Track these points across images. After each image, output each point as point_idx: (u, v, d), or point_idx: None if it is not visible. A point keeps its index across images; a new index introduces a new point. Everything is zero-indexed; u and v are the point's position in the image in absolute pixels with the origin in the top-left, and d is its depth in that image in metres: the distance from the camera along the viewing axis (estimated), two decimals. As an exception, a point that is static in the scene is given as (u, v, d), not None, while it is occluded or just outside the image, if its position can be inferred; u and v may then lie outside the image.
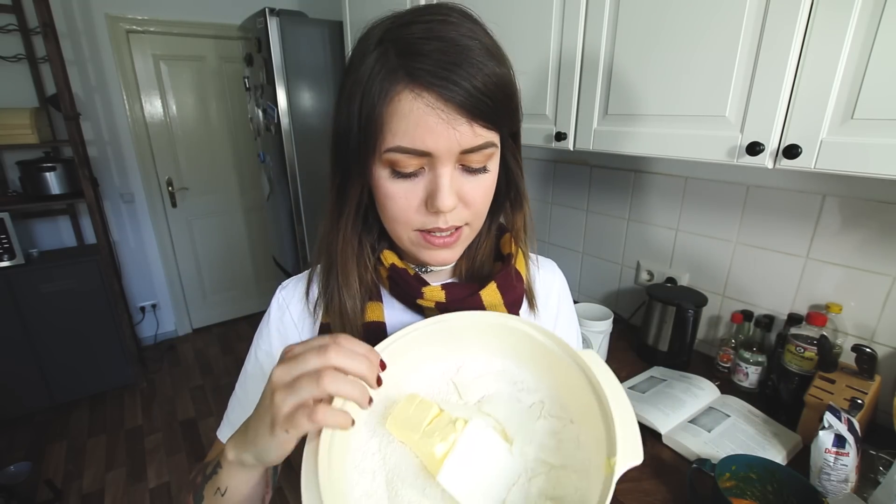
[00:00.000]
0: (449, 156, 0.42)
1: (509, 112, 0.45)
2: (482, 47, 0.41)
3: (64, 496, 1.84)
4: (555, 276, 0.66)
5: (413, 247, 0.49)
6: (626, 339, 1.31)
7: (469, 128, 0.41)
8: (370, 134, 0.42)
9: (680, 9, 0.78)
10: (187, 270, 3.02)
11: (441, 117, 0.40)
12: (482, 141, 0.43)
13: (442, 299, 0.52)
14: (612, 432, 0.36)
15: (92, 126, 2.48)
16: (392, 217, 0.47)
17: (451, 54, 0.39)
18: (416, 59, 0.40)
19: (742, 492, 0.72)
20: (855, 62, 0.62)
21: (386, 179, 0.44)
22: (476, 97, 0.40)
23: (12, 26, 2.12)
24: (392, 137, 0.41)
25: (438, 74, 0.39)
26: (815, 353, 0.89)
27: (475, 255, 0.57)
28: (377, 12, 0.48)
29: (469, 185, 0.45)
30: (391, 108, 0.41)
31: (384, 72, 0.41)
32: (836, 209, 0.95)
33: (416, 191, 0.44)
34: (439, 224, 0.45)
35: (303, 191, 2.09)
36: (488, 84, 0.40)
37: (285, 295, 0.57)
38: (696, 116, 0.80)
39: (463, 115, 0.40)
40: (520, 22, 1.06)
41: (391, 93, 0.40)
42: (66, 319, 2.23)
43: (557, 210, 1.58)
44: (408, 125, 0.41)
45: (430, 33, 0.40)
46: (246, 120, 2.91)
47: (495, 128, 0.44)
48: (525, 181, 0.54)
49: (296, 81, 1.95)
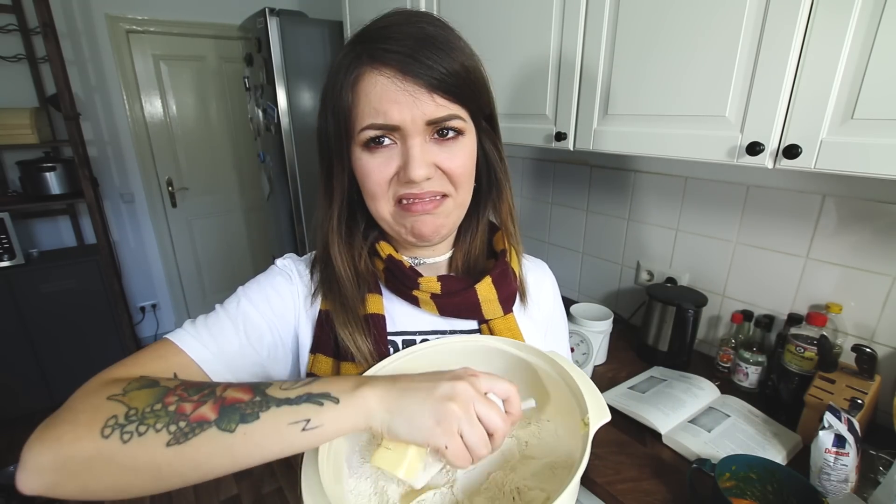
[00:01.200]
0: (416, 127, 0.45)
1: (472, 88, 0.48)
2: (441, 33, 0.45)
3: (64, 496, 1.84)
4: (546, 276, 0.67)
5: (395, 222, 0.50)
6: (626, 339, 1.31)
7: (430, 98, 0.44)
8: (344, 118, 0.46)
9: (680, 9, 0.78)
10: (187, 270, 3.02)
11: (403, 87, 0.43)
12: (446, 112, 0.46)
13: (437, 290, 0.53)
14: (581, 399, 0.42)
15: (92, 126, 2.47)
16: (371, 193, 0.49)
17: (411, 37, 0.44)
18: (377, 42, 0.44)
19: (742, 492, 0.72)
20: (855, 62, 0.62)
21: (363, 158, 0.47)
22: (434, 69, 0.43)
23: (12, 26, 2.11)
24: (363, 116, 0.45)
25: (397, 51, 0.43)
26: (815, 353, 0.89)
27: (469, 250, 0.59)
28: (377, 12, 0.50)
29: (443, 154, 0.47)
30: (357, 88, 0.45)
31: (348, 62, 0.46)
32: (836, 209, 0.95)
33: (391, 164, 0.47)
34: (413, 191, 0.47)
35: (303, 191, 2.09)
36: (445, 59, 0.44)
37: (287, 264, 0.57)
38: (696, 116, 0.80)
39: (423, 86, 0.44)
40: (520, 22, 1.06)
41: (356, 74, 0.45)
42: (66, 319, 2.23)
43: (557, 210, 1.58)
44: (374, 100, 0.44)
45: (391, 23, 0.46)
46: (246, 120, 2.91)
47: (458, 101, 0.46)
48: (507, 168, 0.56)
49: (296, 81, 1.95)
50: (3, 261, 2.06)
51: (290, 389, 0.36)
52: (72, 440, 0.33)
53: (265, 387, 0.37)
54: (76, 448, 0.33)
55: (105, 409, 0.34)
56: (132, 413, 0.34)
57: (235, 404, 0.34)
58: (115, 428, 0.33)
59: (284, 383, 0.37)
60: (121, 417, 0.33)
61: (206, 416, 0.34)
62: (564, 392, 0.45)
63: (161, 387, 0.37)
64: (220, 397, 0.35)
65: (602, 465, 0.83)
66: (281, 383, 0.37)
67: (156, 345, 0.46)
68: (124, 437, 0.33)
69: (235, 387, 0.36)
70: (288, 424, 0.34)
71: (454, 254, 0.59)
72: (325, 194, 0.53)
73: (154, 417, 0.33)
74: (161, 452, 0.33)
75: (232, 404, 0.34)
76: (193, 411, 0.34)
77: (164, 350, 0.45)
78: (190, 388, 0.36)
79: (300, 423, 0.34)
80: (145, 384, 0.37)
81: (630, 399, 0.99)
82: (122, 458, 0.33)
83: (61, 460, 0.33)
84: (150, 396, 0.35)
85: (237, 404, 0.34)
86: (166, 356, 0.44)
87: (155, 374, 0.41)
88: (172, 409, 0.34)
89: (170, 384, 0.37)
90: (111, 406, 0.35)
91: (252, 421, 0.34)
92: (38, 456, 0.33)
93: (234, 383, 0.38)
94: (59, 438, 0.33)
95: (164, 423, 0.33)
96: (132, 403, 0.35)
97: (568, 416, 0.44)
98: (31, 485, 0.33)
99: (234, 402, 0.35)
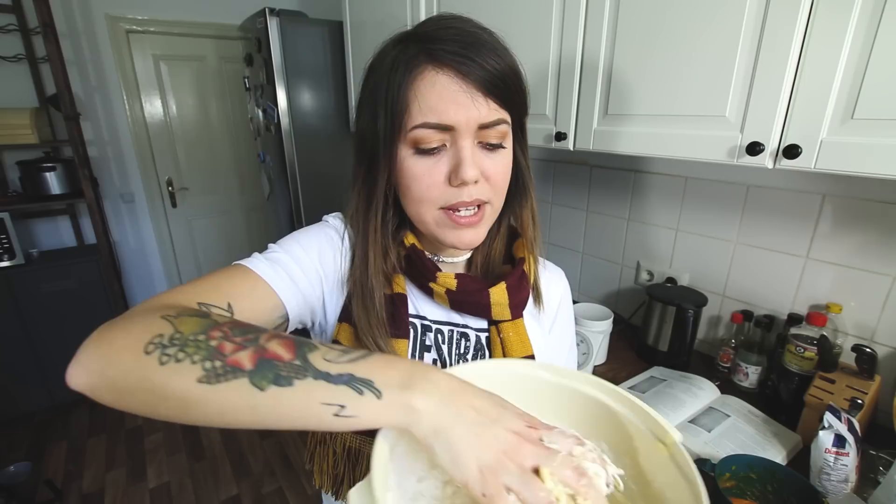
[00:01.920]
0: (468, 130, 0.45)
1: (520, 95, 0.49)
2: (492, 38, 0.46)
3: (64, 496, 1.84)
4: (559, 284, 0.68)
5: (438, 228, 0.51)
6: (626, 339, 1.31)
7: (485, 102, 0.45)
8: (397, 114, 0.46)
9: (680, 9, 0.78)
10: (187, 270, 3.02)
11: (462, 89, 0.44)
12: (496, 117, 0.46)
13: (453, 287, 0.54)
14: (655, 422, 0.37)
15: (92, 126, 2.47)
16: (417, 198, 0.49)
17: (466, 38, 0.45)
18: (434, 42, 0.45)
19: (742, 492, 0.72)
20: (855, 62, 0.62)
21: (410, 159, 0.47)
22: (491, 74, 0.44)
23: (12, 26, 2.11)
24: (418, 114, 0.45)
25: (457, 52, 0.44)
26: (815, 353, 0.89)
27: (488, 252, 0.60)
28: (377, 12, 0.51)
29: (488, 160, 0.48)
30: (415, 85, 0.45)
31: (406, 59, 0.45)
32: (837, 209, 0.95)
33: (440, 167, 0.47)
34: (463, 198, 0.48)
35: (303, 191, 2.09)
36: (501, 65, 0.45)
37: (339, 227, 0.57)
38: (696, 116, 0.80)
39: (480, 90, 0.44)
40: (520, 22, 1.06)
41: (415, 72, 0.45)
42: (67, 319, 2.23)
43: (557, 210, 1.58)
44: (432, 98, 0.44)
45: (444, 25, 0.46)
46: (246, 120, 2.91)
47: (507, 107, 0.48)
48: (532, 174, 0.58)
49: (296, 81, 1.95)
50: (3, 261, 2.06)
51: (334, 363, 0.33)
52: (120, 348, 0.34)
53: (309, 350, 0.34)
54: (121, 357, 0.33)
55: (155, 326, 0.34)
56: (177, 336, 0.33)
57: (274, 360, 0.33)
58: (158, 347, 0.33)
59: (330, 351, 0.34)
60: (165, 338, 0.33)
61: (242, 363, 0.32)
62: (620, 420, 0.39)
63: (210, 319, 0.36)
64: (261, 346, 0.33)
65: (602, 465, 0.83)
66: (327, 350, 0.35)
67: (228, 268, 0.47)
68: (163, 359, 0.32)
69: (280, 339, 0.34)
70: (321, 403, 0.32)
71: (474, 255, 0.61)
72: (364, 193, 0.53)
73: (194, 347, 0.33)
74: (191, 387, 0.32)
75: (271, 359, 0.33)
76: (232, 353, 0.33)
77: (240, 273, 0.47)
78: (236, 328, 0.35)
79: (333, 406, 0.32)
80: (198, 313, 0.37)
81: (630, 399, 0.99)
82: (155, 379, 0.32)
83: (105, 365, 0.33)
84: (198, 325, 0.35)
85: (276, 361, 0.33)
86: (241, 279, 0.46)
87: (226, 294, 0.43)
88: (214, 345, 0.33)
89: (220, 319, 0.36)
90: (161, 324, 0.34)
91: (284, 385, 0.32)
92: (90, 355, 0.34)
93: (280, 334, 0.36)
94: (110, 342, 0.34)
95: (202, 357, 0.32)
96: (180, 326, 0.34)
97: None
98: (77, 381, 0.34)
99: (274, 357, 0.33)
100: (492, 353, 0.57)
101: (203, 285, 0.44)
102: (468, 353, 0.58)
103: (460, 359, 0.58)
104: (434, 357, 0.57)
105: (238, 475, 1.94)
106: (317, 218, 0.60)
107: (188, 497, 1.84)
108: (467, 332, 0.58)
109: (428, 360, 0.57)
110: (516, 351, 0.56)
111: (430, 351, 0.57)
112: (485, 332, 0.58)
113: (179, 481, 1.92)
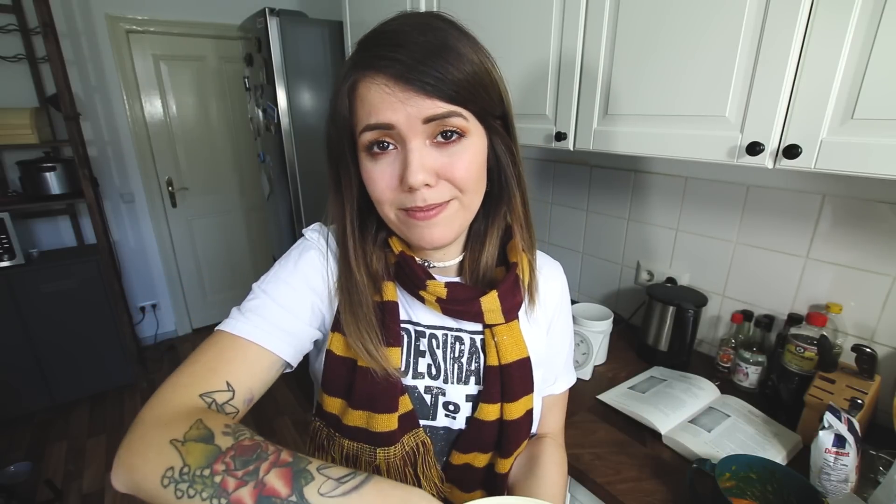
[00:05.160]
0: (412, 129, 0.44)
1: (474, 90, 0.46)
2: (443, 41, 0.44)
3: (64, 496, 1.84)
4: (556, 278, 0.67)
5: (402, 226, 0.51)
6: (626, 339, 1.31)
7: (423, 98, 0.43)
8: (346, 124, 0.47)
9: (680, 9, 0.78)
10: (187, 270, 3.02)
11: (393, 92, 0.43)
12: (444, 110, 0.44)
13: (443, 296, 0.53)
14: None
15: (92, 126, 2.48)
16: (377, 199, 0.50)
17: (397, 40, 0.44)
18: (368, 50, 0.45)
19: (742, 492, 0.72)
20: (855, 62, 0.62)
21: (366, 163, 0.48)
22: (421, 69, 0.43)
23: (12, 26, 2.12)
24: (364, 117, 0.46)
25: (385, 56, 0.43)
26: (815, 353, 0.89)
27: (479, 258, 0.58)
28: (377, 12, 0.51)
29: (445, 158, 0.46)
30: (354, 95, 0.46)
31: (347, 69, 0.47)
32: (837, 209, 0.95)
33: (392, 169, 0.47)
34: (417, 202, 0.47)
35: (303, 191, 2.09)
36: (437, 58, 0.43)
37: (319, 241, 0.57)
38: (696, 116, 0.80)
39: (412, 86, 0.43)
40: (520, 22, 1.06)
41: (354, 83, 0.46)
42: (66, 319, 2.23)
43: (557, 210, 1.58)
44: (370, 105, 0.45)
45: (390, 29, 0.45)
46: (246, 120, 2.91)
47: (458, 101, 0.45)
48: (522, 172, 0.55)
49: (296, 81, 1.95)
50: (3, 261, 2.07)
51: (328, 497, 0.35)
52: (141, 478, 0.37)
53: (305, 482, 0.35)
54: (144, 484, 0.37)
55: (166, 456, 0.37)
56: (185, 470, 0.36)
57: (272, 497, 0.35)
58: (172, 481, 0.36)
59: (326, 482, 0.36)
60: (176, 472, 0.36)
61: (243, 501, 0.35)
62: None
63: (214, 445, 0.38)
64: (260, 482, 0.35)
65: (602, 465, 0.83)
66: (323, 481, 0.36)
67: (215, 339, 0.48)
68: (177, 493, 0.36)
69: (278, 469, 0.36)
70: None
71: (464, 259, 0.59)
72: (336, 201, 0.53)
73: (202, 484, 0.36)
74: None
75: (269, 496, 0.35)
76: (234, 491, 0.35)
77: (228, 343, 0.47)
78: (237, 458, 0.37)
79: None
80: (202, 437, 0.39)
81: (630, 399, 0.99)
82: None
83: (137, 487, 0.38)
84: (203, 457, 0.37)
85: (273, 498, 0.35)
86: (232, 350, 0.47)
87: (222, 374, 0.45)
88: (217, 482, 0.35)
89: (223, 443, 0.38)
90: (171, 455, 0.37)
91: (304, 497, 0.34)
92: (119, 476, 0.39)
93: (280, 459, 0.37)
94: (132, 469, 0.38)
95: (209, 495, 0.35)
96: (187, 458, 0.37)
97: None
98: (121, 489, 0.40)
99: (272, 493, 0.35)
100: (487, 356, 0.57)
101: (199, 369, 0.45)
102: (462, 357, 0.57)
103: (455, 363, 0.57)
104: (428, 362, 0.57)
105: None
106: (317, 218, 0.60)
107: (188, 497, 1.84)
108: (461, 336, 0.58)
109: (422, 365, 0.56)
110: (511, 353, 0.56)
111: (425, 356, 0.57)
112: (479, 334, 0.58)
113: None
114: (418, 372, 0.56)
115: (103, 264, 2.28)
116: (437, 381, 0.57)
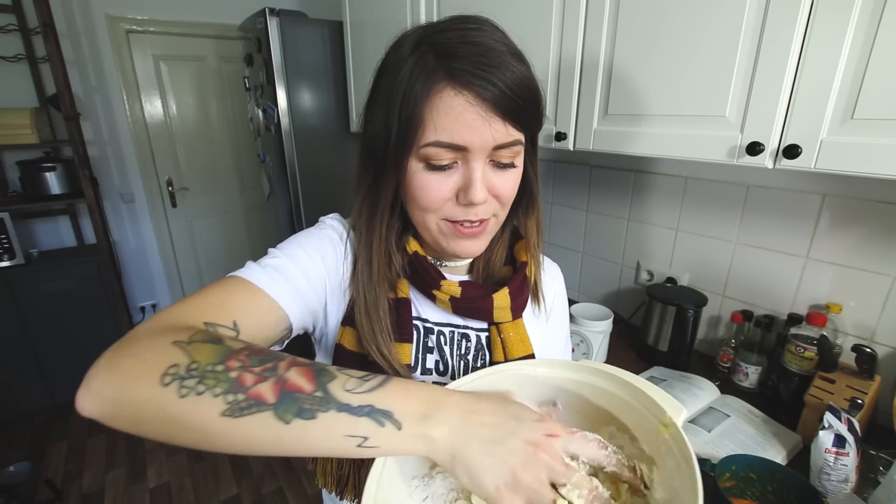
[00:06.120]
0: (482, 151, 0.45)
1: (537, 114, 0.48)
2: (512, 52, 0.45)
3: (64, 496, 1.84)
4: (555, 279, 0.69)
5: (441, 235, 0.51)
6: (626, 339, 1.31)
7: (502, 126, 0.44)
8: (410, 130, 0.45)
9: (680, 9, 0.78)
10: (187, 270, 3.02)
11: (479, 114, 0.43)
12: (512, 139, 0.46)
13: (457, 295, 0.54)
14: (653, 403, 0.38)
15: (92, 126, 2.47)
16: (424, 206, 0.49)
17: (487, 57, 0.42)
18: (454, 59, 0.42)
19: (742, 492, 0.72)
20: (855, 62, 0.62)
21: (420, 172, 0.47)
22: (510, 97, 0.43)
23: (12, 26, 2.11)
24: (432, 132, 0.44)
25: (477, 74, 0.42)
26: (815, 353, 0.89)
27: (490, 258, 0.60)
28: (377, 12, 0.50)
29: (498, 178, 0.48)
30: (432, 104, 0.43)
31: (424, 72, 0.43)
32: (837, 209, 0.95)
33: (450, 182, 0.47)
34: (470, 216, 0.48)
35: (303, 191, 2.09)
36: (520, 86, 0.44)
37: (338, 228, 0.57)
38: (697, 116, 0.80)
39: (497, 113, 0.43)
40: (520, 22, 1.06)
41: (433, 90, 0.43)
42: (67, 319, 2.23)
43: (557, 210, 1.58)
44: (448, 120, 0.43)
45: (464, 38, 0.43)
46: (246, 120, 2.91)
47: (524, 129, 0.47)
48: (539, 183, 0.58)
49: (296, 81, 1.95)
50: (3, 261, 2.06)
51: (354, 393, 0.34)
52: (135, 377, 0.33)
53: (328, 379, 0.34)
54: (136, 387, 0.33)
55: (168, 355, 0.34)
56: (193, 367, 0.33)
57: (296, 392, 0.33)
58: (175, 378, 0.33)
59: (349, 380, 0.35)
60: (182, 369, 0.33)
61: (264, 396, 0.32)
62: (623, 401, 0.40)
63: (225, 346, 0.35)
64: (282, 377, 0.33)
65: (602, 465, 0.83)
66: (346, 378, 0.35)
67: (227, 281, 0.45)
68: (182, 392, 0.32)
69: (298, 367, 0.35)
70: (344, 436, 0.33)
71: (476, 259, 0.61)
72: (369, 198, 0.52)
73: (214, 379, 0.32)
74: (214, 419, 0.32)
75: (292, 391, 0.33)
76: (253, 385, 0.33)
77: (241, 286, 0.45)
78: (253, 356, 0.35)
79: (357, 438, 0.33)
80: (210, 338, 0.36)
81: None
82: (175, 411, 0.32)
83: (121, 394, 0.33)
84: (213, 354, 0.34)
85: (297, 393, 0.33)
86: (244, 293, 0.44)
87: (230, 311, 0.42)
88: (233, 377, 0.33)
89: (234, 345, 0.36)
90: (175, 353, 0.34)
91: (308, 418, 0.33)
92: (103, 383, 0.34)
93: (297, 360, 0.36)
94: (123, 371, 0.34)
95: (223, 390, 0.32)
96: (195, 356, 0.34)
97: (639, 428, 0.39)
98: (89, 408, 0.33)
99: (296, 388, 0.33)
100: (492, 354, 0.57)
101: (206, 302, 0.42)
102: (469, 354, 0.58)
103: (461, 360, 0.58)
104: (436, 358, 0.57)
105: (238, 475, 1.94)
106: (317, 218, 0.60)
107: (188, 497, 1.84)
108: (468, 333, 0.58)
109: (430, 361, 0.57)
110: (517, 350, 0.57)
111: (433, 353, 0.57)
112: (485, 332, 0.59)
113: (179, 481, 1.92)
114: (426, 368, 0.57)
115: (103, 264, 2.28)
116: (444, 377, 0.57)
